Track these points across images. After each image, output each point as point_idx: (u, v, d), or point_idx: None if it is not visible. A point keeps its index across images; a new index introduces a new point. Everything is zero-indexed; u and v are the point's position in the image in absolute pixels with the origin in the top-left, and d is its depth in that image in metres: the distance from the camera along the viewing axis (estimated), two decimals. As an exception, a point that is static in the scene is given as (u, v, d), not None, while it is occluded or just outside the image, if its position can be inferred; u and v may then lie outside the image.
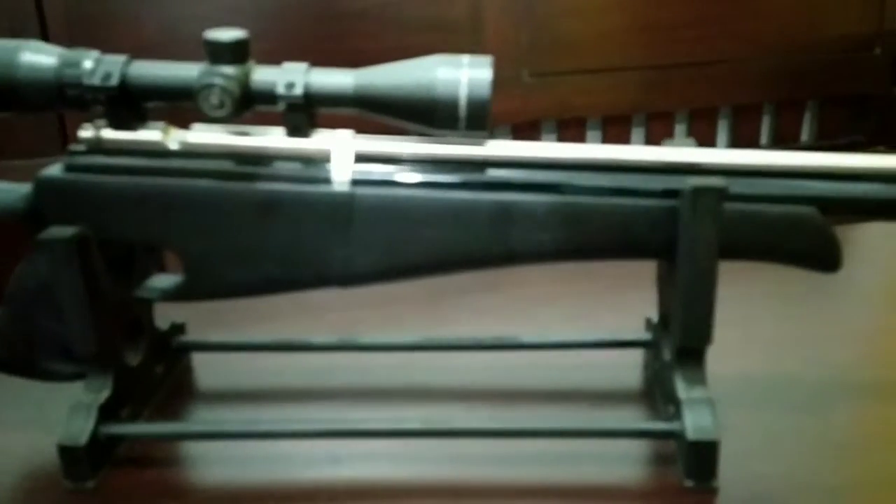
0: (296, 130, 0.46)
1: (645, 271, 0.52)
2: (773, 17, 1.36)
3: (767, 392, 0.54)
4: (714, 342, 0.60)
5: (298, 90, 0.44)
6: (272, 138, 0.46)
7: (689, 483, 0.45)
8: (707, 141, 1.41)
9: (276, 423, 0.49)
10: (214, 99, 0.44)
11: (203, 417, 0.54)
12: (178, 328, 0.56)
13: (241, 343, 0.57)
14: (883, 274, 0.72)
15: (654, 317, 0.53)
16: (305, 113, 0.45)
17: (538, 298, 0.67)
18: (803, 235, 0.45)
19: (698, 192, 0.43)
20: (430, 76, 0.44)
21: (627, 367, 0.57)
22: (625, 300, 0.59)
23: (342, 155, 0.46)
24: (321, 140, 0.46)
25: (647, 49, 1.31)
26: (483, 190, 0.46)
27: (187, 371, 0.57)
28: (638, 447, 0.49)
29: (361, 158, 0.46)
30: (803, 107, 1.46)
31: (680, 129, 1.40)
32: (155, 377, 0.54)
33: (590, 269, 0.51)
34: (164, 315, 0.55)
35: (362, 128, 0.48)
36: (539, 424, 0.47)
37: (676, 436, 0.45)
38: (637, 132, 1.38)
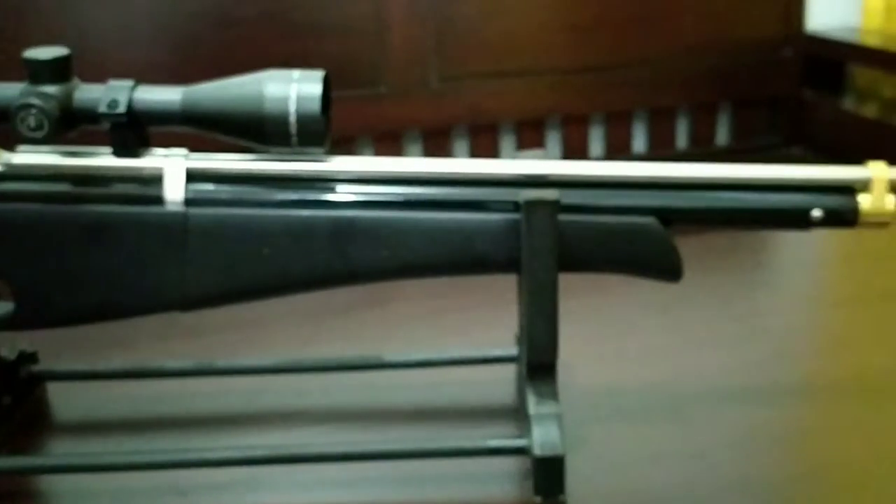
0: (123, 150, 0.44)
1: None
2: (688, 20, 1.37)
3: (633, 403, 0.53)
4: (587, 355, 0.60)
5: (121, 108, 0.43)
6: (102, 158, 0.44)
7: (537, 499, 0.44)
8: (623, 143, 1.42)
9: (116, 455, 0.47)
10: (32, 121, 0.42)
11: (51, 450, 0.51)
12: (29, 357, 0.54)
13: (94, 371, 0.55)
14: (760, 282, 0.72)
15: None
16: (132, 131, 0.44)
17: (417, 315, 0.65)
18: (644, 246, 0.44)
19: (532, 205, 0.42)
20: (258, 92, 0.42)
21: (500, 384, 0.56)
22: (507, 314, 0.58)
23: (174, 174, 0.44)
24: (152, 159, 0.44)
25: (560, 52, 1.32)
26: (322, 207, 0.45)
27: (40, 402, 0.54)
28: (503, 464, 0.48)
29: (197, 177, 0.45)
30: (719, 109, 1.48)
31: (596, 132, 1.41)
32: (2, 409, 0.51)
33: (471, 283, 0.50)
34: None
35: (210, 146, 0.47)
36: (386, 446, 0.46)
37: (526, 452, 0.45)
38: (552, 136, 1.38)
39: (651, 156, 1.41)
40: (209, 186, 0.45)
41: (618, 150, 1.40)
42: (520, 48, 1.28)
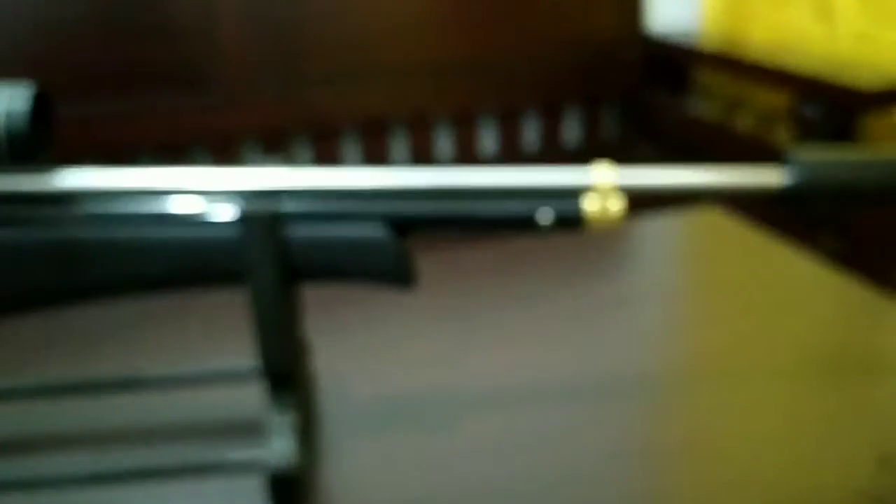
0: None
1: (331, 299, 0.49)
2: (534, 20, 1.39)
3: (402, 412, 0.53)
4: (366, 366, 0.60)
5: None
6: None
7: (274, 513, 0.43)
8: (472, 145, 1.43)
9: None
10: None
11: None
12: None
13: None
14: (563, 285, 0.73)
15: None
16: None
17: (197, 330, 0.64)
18: (374, 255, 0.44)
19: (250, 218, 0.42)
20: (-38, 109, 0.40)
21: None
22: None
23: None
24: None
25: (404, 53, 1.31)
26: (39, 225, 0.43)
27: None
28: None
29: None
30: (568, 108, 1.51)
31: (444, 133, 1.41)
32: None
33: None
34: None
35: None
36: (121, 467, 0.44)
37: (262, 466, 0.44)
38: (398, 139, 1.38)
39: (501, 156, 1.43)
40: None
41: (467, 151, 1.41)
42: (361, 50, 1.27)
